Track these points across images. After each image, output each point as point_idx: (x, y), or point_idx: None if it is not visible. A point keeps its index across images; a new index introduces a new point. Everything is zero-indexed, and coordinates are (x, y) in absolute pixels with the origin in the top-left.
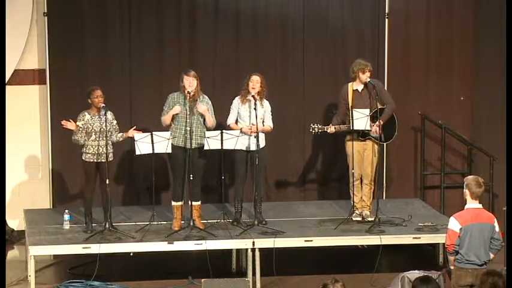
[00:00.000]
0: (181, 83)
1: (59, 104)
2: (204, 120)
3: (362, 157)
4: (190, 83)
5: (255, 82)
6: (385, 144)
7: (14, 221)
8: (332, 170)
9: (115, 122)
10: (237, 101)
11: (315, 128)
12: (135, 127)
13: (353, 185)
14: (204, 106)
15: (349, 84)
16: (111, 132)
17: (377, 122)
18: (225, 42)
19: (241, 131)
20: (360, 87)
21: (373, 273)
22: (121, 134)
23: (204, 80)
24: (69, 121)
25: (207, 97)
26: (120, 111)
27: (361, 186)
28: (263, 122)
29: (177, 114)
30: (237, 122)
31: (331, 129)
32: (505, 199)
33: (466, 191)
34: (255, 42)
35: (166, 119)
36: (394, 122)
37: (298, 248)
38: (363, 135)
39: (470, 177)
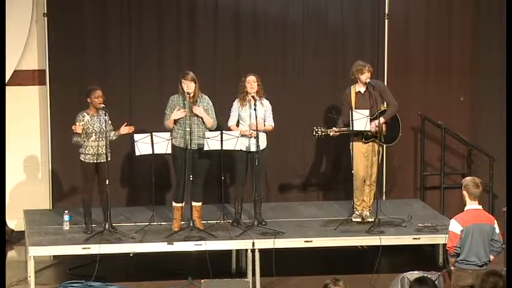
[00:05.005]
0: (180, 86)
1: (58, 104)
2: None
3: (365, 158)
4: (188, 86)
5: (252, 82)
6: (384, 145)
7: (14, 222)
8: (332, 171)
9: (110, 121)
10: (236, 103)
11: (318, 131)
12: (125, 123)
13: (354, 185)
14: (200, 108)
15: (352, 86)
16: (109, 132)
17: (376, 121)
18: (225, 42)
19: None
20: (362, 89)
21: (372, 274)
22: (113, 132)
23: (204, 80)
24: (75, 125)
25: (206, 97)
26: (120, 111)
27: (364, 187)
28: (264, 121)
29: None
30: (238, 124)
31: (333, 132)
32: (504, 200)
33: (465, 193)
34: (255, 42)
35: (169, 123)
36: (398, 124)
37: (298, 248)
38: (366, 137)
39: (467, 178)
